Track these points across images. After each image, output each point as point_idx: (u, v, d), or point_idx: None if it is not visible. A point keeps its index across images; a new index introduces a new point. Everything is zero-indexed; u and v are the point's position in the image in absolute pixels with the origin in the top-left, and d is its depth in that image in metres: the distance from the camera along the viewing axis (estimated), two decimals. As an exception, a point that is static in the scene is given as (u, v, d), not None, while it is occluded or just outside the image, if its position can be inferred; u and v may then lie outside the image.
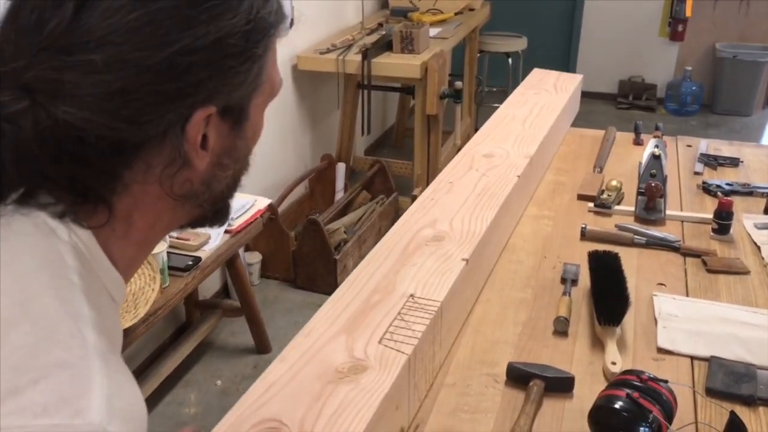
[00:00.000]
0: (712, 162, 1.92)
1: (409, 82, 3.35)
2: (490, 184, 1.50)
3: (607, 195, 1.68)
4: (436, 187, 1.50)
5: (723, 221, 1.52)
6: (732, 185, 1.76)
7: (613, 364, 1.11)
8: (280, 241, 3.01)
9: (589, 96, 4.65)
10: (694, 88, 5.33)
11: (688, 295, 1.33)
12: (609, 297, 1.22)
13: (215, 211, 0.67)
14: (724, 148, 2.03)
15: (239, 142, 0.63)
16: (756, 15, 5.24)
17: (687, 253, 1.47)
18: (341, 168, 3.53)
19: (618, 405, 0.92)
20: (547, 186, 1.80)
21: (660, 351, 1.17)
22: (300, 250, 2.99)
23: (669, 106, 5.43)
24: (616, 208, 1.65)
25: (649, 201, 1.62)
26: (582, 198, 1.71)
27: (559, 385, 1.07)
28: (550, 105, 2.02)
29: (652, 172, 1.71)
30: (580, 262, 1.40)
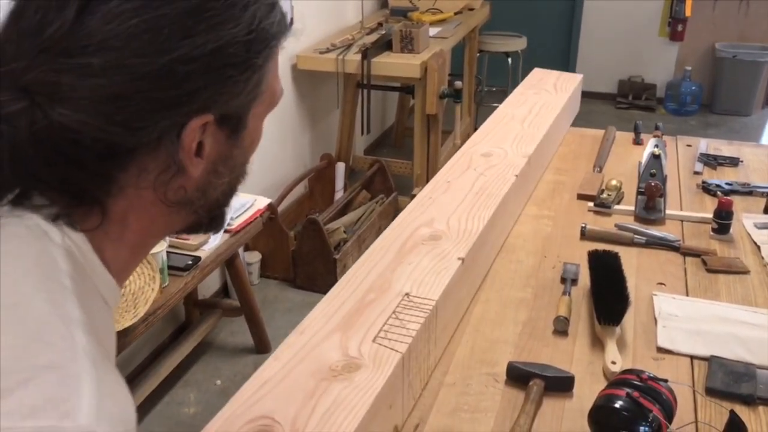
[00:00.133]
0: (712, 162, 1.91)
1: (409, 82, 3.35)
2: (488, 184, 1.50)
3: (607, 194, 1.68)
4: (434, 186, 1.50)
5: (723, 221, 1.52)
6: (732, 185, 1.76)
7: (613, 363, 1.11)
8: (279, 241, 3.01)
9: (588, 96, 4.64)
10: (694, 88, 5.33)
11: (687, 295, 1.33)
12: (609, 296, 1.22)
13: (211, 218, 0.67)
14: (724, 148, 2.03)
15: (236, 151, 0.63)
16: (756, 15, 5.24)
17: (687, 252, 1.47)
18: (341, 167, 3.53)
19: (618, 404, 0.92)
20: (547, 185, 1.79)
21: (660, 350, 1.17)
22: (299, 250, 2.99)
23: (669, 105, 5.43)
24: (616, 207, 1.65)
25: (649, 200, 1.62)
26: (582, 197, 1.71)
27: (559, 384, 1.07)
28: (549, 105, 2.01)
29: (651, 171, 1.71)
30: (579, 262, 1.40)
